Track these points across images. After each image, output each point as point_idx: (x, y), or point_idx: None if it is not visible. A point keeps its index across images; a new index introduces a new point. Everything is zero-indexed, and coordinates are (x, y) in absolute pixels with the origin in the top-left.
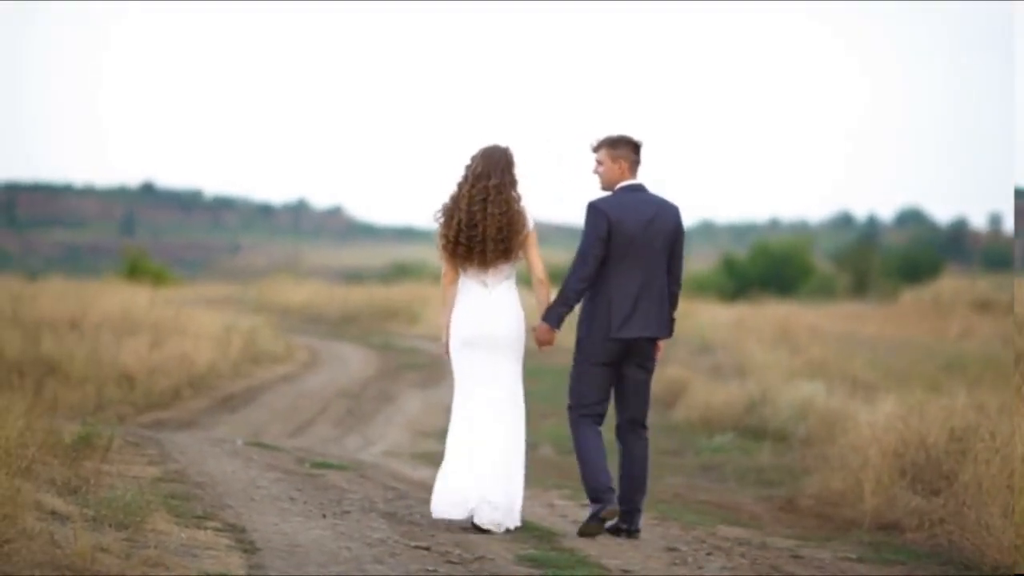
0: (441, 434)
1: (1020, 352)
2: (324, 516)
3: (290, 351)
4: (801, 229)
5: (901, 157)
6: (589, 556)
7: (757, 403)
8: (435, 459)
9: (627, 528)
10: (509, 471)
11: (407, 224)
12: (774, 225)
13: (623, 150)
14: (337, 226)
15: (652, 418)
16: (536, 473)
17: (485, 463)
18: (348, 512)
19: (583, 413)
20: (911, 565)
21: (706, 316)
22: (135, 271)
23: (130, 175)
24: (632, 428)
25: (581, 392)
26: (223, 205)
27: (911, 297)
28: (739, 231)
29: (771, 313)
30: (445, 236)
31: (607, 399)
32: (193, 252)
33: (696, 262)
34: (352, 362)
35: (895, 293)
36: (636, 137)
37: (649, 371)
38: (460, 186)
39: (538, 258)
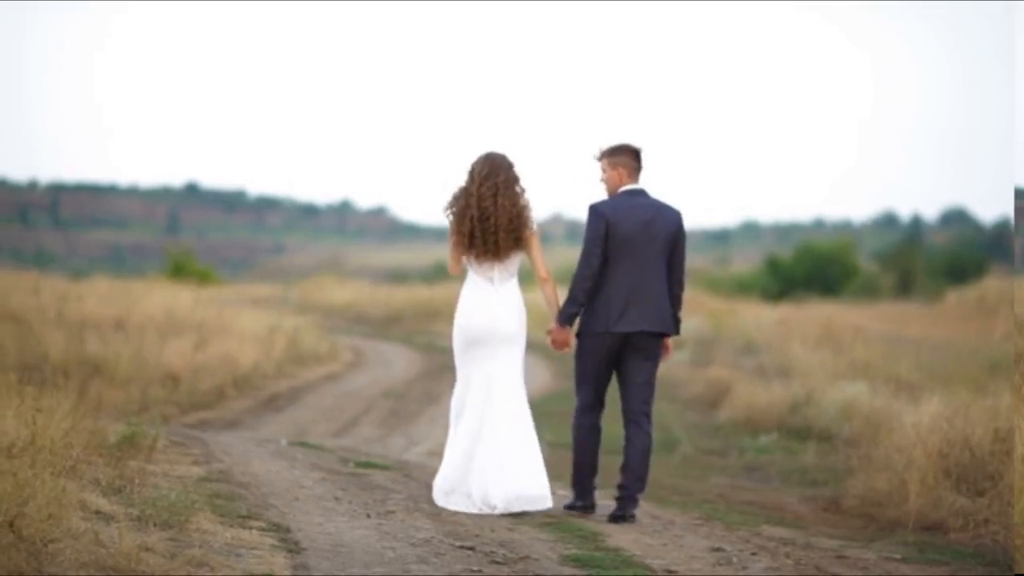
0: None
1: (1020, 352)
2: (368, 516)
3: (334, 351)
4: (845, 229)
5: (946, 157)
6: (634, 556)
7: (801, 403)
8: None
9: (621, 514)
10: (517, 462)
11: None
12: (818, 225)
13: (622, 157)
14: (381, 226)
15: (696, 418)
16: None
17: (489, 457)
18: (392, 512)
19: (581, 399)
20: (955, 565)
21: (750, 316)
22: (179, 271)
23: (174, 175)
24: (635, 420)
25: (580, 379)
26: (267, 205)
27: (956, 297)
28: (783, 231)
29: (815, 313)
30: (459, 232)
31: (603, 390)
32: (237, 252)
33: (740, 262)
34: (396, 362)
35: (939, 293)
36: (635, 145)
37: (652, 364)
38: (467, 187)
39: (540, 257)
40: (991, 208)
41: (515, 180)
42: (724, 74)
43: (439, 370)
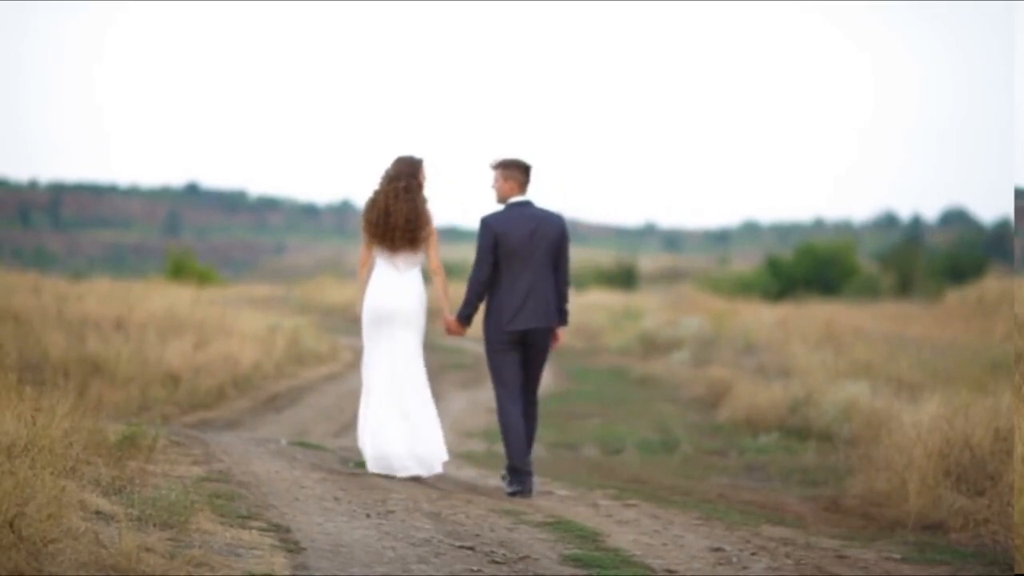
0: (485, 434)
1: (1020, 352)
2: (368, 516)
3: (334, 351)
4: (845, 229)
5: (946, 157)
6: (633, 556)
7: (801, 403)
8: (479, 459)
9: (520, 490)
10: (418, 427)
11: (450, 224)
12: (818, 225)
13: (513, 171)
14: None
15: (696, 418)
16: (580, 473)
17: (395, 426)
18: (392, 512)
19: (500, 392)
20: (956, 565)
21: (750, 316)
22: (180, 271)
23: (175, 175)
24: (524, 406)
25: (494, 375)
26: (267, 205)
27: (956, 297)
28: (783, 231)
29: (815, 313)
30: (367, 222)
31: (518, 379)
32: (238, 252)
33: (740, 262)
34: None
35: (940, 293)
36: (526, 160)
37: (543, 355)
38: (381, 184)
39: (435, 253)
40: (991, 208)
41: (416, 187)
42: (724, 74)
43: (439, 369)
